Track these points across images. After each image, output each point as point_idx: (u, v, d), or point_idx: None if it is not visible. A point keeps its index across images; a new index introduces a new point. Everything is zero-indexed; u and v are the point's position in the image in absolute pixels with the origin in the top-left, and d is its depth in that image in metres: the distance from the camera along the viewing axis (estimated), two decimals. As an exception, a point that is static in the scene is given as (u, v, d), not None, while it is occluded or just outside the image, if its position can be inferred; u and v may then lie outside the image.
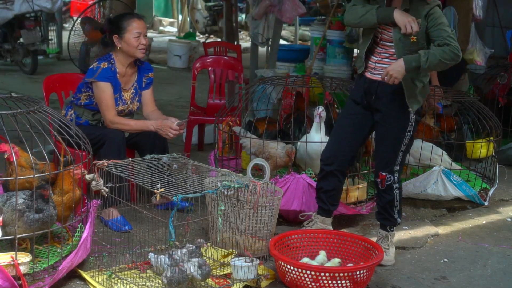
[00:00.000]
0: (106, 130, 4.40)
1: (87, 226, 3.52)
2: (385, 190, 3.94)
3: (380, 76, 3.81)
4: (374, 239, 4.29)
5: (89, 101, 4.50)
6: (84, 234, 3.49)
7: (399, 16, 3.69)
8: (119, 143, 4.30)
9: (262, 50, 9.20)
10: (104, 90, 4.39)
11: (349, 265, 3.76)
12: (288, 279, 3.51)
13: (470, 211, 5.02)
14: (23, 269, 3.27)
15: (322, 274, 3.42)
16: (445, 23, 3.69)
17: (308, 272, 3.43)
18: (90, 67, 4.50)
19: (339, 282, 3.42)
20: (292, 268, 3.47)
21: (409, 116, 3.82)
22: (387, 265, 3.93)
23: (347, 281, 3.42)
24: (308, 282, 3.43)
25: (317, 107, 4.60)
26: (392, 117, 3.85)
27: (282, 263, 3.52)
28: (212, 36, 16.75)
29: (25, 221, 3.38)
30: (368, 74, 3.92)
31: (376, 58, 3.89)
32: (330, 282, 3.41)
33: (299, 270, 3.44)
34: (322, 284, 3.42)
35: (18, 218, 3.37)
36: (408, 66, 3.65)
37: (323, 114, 4.56)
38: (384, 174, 3.90)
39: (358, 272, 3.46)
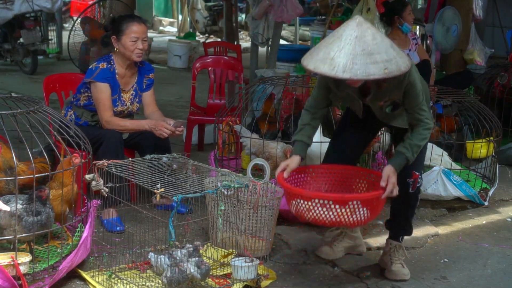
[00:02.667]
0: (103, 131, 4.39)
1: (87, 226, 3.52)
2: (413, 194, 3.68)
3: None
4: (374, 239, 4.30)
5: (88, 102, 4.49)
6: (84, 234, 3.49)
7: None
8: (116, 143, 4.30)
9: (262, 50, 9.21)
10: (102, 90, 4.38)
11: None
12: (311, 214, 3.34)
13: (470, 211, 5.02)
14: (23, 269, 3.27)
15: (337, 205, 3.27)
16: (417, 91, 3.38)
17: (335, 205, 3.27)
18: (90, 67, 4.50)
19: (358, 211, 3.30)
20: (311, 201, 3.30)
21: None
22: (405, 279, 3.74)
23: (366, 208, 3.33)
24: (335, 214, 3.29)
25: None
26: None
27: (299, 201, 3.36)
28: (212, 36, 16.76)
29: (23, 225, 3.37)
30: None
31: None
32: (353, 208, 3.28)
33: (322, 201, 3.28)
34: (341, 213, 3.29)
35: (17, 222, 3.36)
36: (399, 168, 3.45)
37: None
38: (417, 173, 3.64)
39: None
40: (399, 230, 3.83)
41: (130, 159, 3.93)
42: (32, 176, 3.42)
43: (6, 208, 3.33)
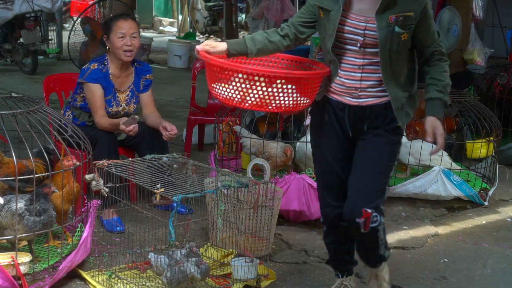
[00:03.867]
0: (97, 132, 4.38)
1: (87, 226, 3.52)
2: (368, 235, 3.01)
3: (371, 100, 3.03)
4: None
5: (84, 103, 4.49)
6: (84, 234, 3.49)
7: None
8: (109, 144, 4.28)
9: (262, 50, 9.19)
10: (92, 91, 4.37)
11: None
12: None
13: (470, 211, 5.02)
14: (23, 269, 3.27)
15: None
16: (433, 25, 3.04)
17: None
18: (83, 67, 4.52)
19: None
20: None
21: (400, 134, 3.10)
22: None
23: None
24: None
25: (310, 108, 4.56)
26: (383, 140, 3.05)
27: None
28: (212, 36, 16.77)
29: (25, 224, 3.37)
30: (349, 101, 3.05)
31: (357, 75, 3.02)
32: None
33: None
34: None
35: (18, 222, 3.36)
36: (441, 116, 3.03)
37: None
38: (369, 211, 2.96)
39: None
40: (371, 262, 3.28)
41: (130, 159, 3.93)
42: (32, 176, 3.42)
43: (0, 200, 3.35)
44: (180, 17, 18.90)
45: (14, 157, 3.43)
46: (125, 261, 3.65)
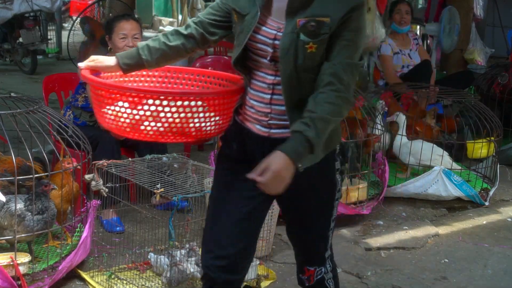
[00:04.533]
0: (100, 132, 4.36)
1: (87, 226, 3.51)
2: (315, 287, 2.59)
3: (283, 131, 2.27)
4: (374, 239, 4.29)
5: (86, 103, 4.48)
6: (84, 234, 3.48)
7: None
8: (111, 144, 4.26)
9: (262, 50, 9.18)
10: None
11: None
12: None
13: (471, 211, 5.02)
14: (22, 269, 3.26)
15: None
16: (355, 39, 2.19)
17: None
18: None
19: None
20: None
21: (331, 171, 2.36)
22: None
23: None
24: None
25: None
26: (317, 187, 2.37)
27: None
28: (212, 36, 16.76)
29: (26, 225, 3.36)
30: (259, 130, 2.33)
31: (267, 96, 2.31)
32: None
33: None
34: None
35: (18, 223, 3.35)
36: (297, 157, 2.10)
37: None
38: (312, 269, 2.54)
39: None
40: None
41: (130, 159, 3.92)
42: (31, 176, 3.41)
43: (2, 198, 3.34)
44: (180, 17, 18.89)
45: (13, 157, 3.43)
46: (125, 261, 3.65)
